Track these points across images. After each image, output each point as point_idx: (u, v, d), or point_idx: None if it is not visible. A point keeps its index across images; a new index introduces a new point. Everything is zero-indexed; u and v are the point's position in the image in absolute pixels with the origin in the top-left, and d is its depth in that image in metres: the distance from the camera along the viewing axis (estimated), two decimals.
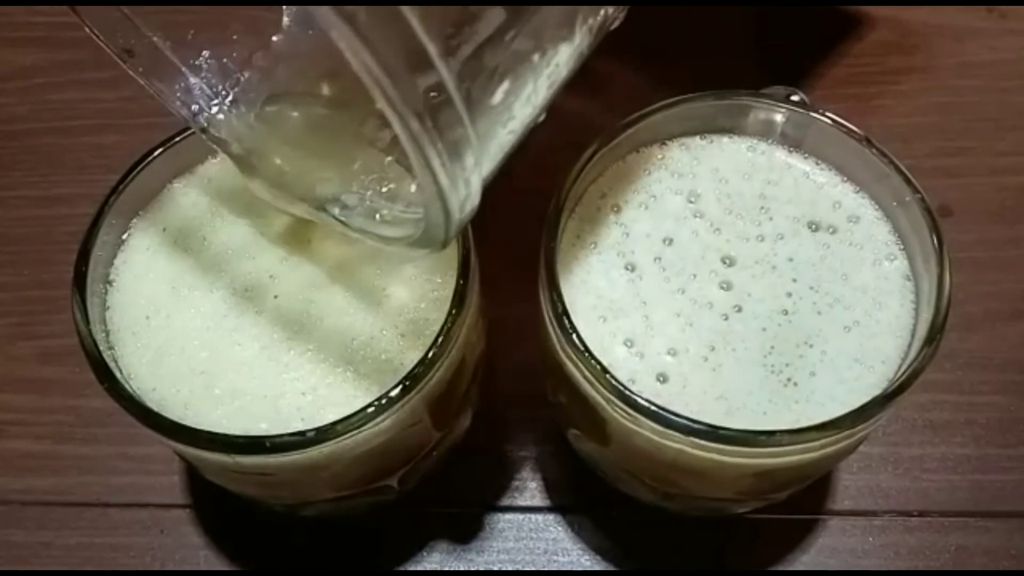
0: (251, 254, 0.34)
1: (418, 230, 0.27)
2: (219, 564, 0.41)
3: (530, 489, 0.42)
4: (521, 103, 0.26)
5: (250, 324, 0.33)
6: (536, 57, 0.26)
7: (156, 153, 0.34)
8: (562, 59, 0.27)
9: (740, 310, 0.33)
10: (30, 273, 0.48)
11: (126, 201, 0.34)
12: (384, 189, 0.31)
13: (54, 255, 0.48)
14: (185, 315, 0.33)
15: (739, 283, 0.33)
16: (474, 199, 0.26)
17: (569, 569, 0.41)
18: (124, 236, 0.35)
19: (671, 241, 0.34)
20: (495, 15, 0.24)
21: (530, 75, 0.26)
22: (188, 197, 0.36)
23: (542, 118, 0.29)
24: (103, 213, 0.33)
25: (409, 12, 0.21)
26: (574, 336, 0.30)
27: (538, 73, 0.26)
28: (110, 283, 0.34)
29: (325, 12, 0.20)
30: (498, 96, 0.25)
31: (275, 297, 0.33)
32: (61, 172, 0.51)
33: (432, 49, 0.22)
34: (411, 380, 0.30)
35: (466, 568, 0.41)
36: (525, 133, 0.28)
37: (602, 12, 0.28)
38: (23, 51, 0.55)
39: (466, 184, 0.25)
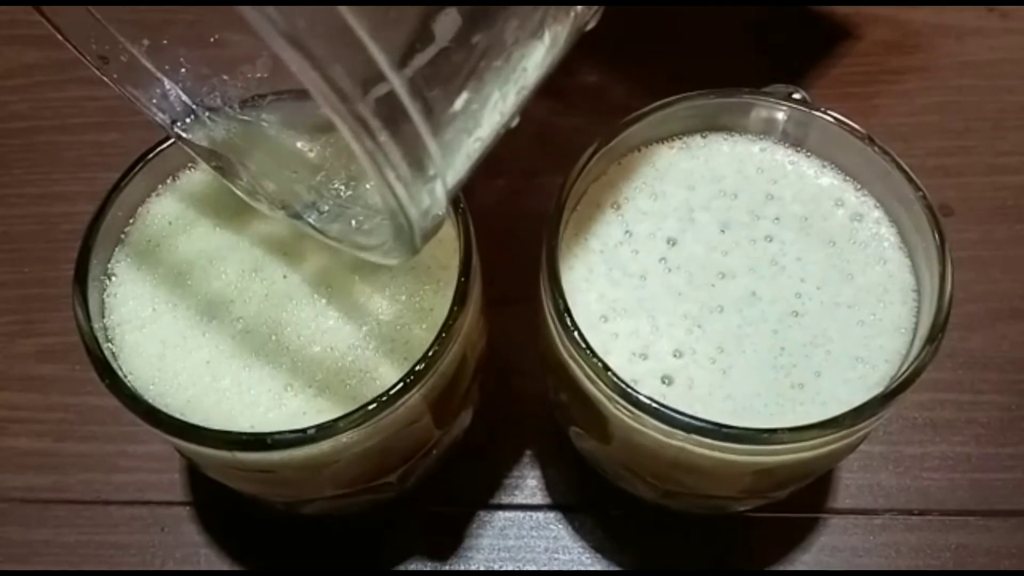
0: (253, 247, 0.34)
1: (391, 236, 0.27)
2: (219, 562, 0.41)
3: (530, 487, 0.42)
4: (488, 111, 0.25)
5: (253, 319, 0.33)
6: (500, 63, 0.25)
7: (155, 152, 0.34)
8: (531, 64, 0.26)
9: (751, 312, 0.33)
10: (30, 271, 0.48)
11: (127, 199, 0.34)
12: (353, 192, 0.30)
13: (54, 253, 0.48)
14: (186, 311, 0.33)
15: (748, 284, 0.33)
16: (439, 206, 0.26)
17: (570, 568, 0.41)
18: (125, 232, 0.35)
19: (675, 242, 0.34)
20: (452, 20, 0.23)
21: (495, 82, 0.25)
22: (190, 192, 0.36)
23: (515, 123, 0.28)
24: (104, 211, 0.33)
25: (356, 21, 0.20)
26: (575, 334, 0.30)
27: (504, 80, 0.25)
28: (111, 280, 0.34)
29: (265, 29, 0.19)
30: (460, 105, 0.24)
31: (282, 284, 0.33)
32: (61, 170, 0.51)
33: (382, 59, 0.21)
34: (412, 378, 0.30)
35: (466, 567, 0.41)
36: (496, 140, 0.27)
37: (572, 13, 0.27)
38: (24, 49, 0.55)
39: (430, 194, 0.24)
